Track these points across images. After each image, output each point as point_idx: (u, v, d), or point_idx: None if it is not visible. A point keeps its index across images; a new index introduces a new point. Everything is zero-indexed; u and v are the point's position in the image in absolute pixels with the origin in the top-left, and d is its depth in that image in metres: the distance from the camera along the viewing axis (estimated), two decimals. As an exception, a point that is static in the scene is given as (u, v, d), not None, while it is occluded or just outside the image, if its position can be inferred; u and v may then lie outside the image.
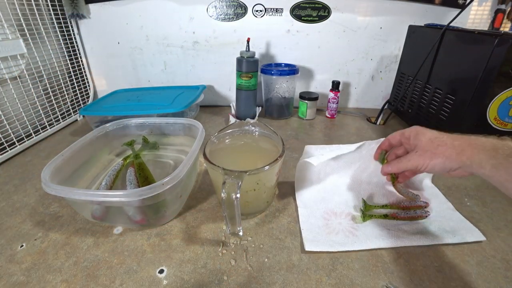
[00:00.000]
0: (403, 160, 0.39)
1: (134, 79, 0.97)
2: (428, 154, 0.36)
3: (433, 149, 0.35)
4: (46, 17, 0.78)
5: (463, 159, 0.33)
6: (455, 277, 0.35)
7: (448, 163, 0.34)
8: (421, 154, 0.36)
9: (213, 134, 0.48)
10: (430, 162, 0.35)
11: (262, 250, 0.39)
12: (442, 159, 0.34)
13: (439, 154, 0.35)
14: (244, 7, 0.85)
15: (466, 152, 0.33)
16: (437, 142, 0.36)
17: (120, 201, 0.36)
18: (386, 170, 0.42)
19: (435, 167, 0.35)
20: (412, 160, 0.37)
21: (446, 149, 0.34)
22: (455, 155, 0.34)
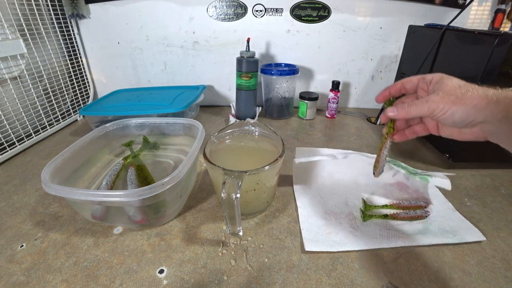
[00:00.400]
0: (417, 102, 0.31)
1: (134, 79, 0.98)
2: (452, 99, 0.30)
3: (460, 94, 0.30)
4: (46, 17, 0.78)
5: (495, 110, 0.28)
6: (455, 277, 0.35)
7: (473, 113, 0.29)
8: (443, 96, 0.30)
9: (213, 134, 0.48)
10: (451, 107, 0.30)
11: (262, 250, 0.40)
12: (468, 106, 0.29)
13: (465, 100, 0.29)
14: (244, 7, 0.85)
15: (501, 103, 0.27)
16: (466, 88, 0.30)
17: (120, 201, 0.36)
18: (391, 113, 0.33)
19: (455, 114, 0.30)
20: (430, 101, 0.31)
21: (476, 96, 0.29)
22: (484, 105, 0.28)
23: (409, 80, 0.35)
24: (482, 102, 0.28)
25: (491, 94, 0.29)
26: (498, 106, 0.28)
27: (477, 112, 0.29)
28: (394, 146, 0.69)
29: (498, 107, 0.28)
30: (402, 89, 0.36)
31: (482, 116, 0.29)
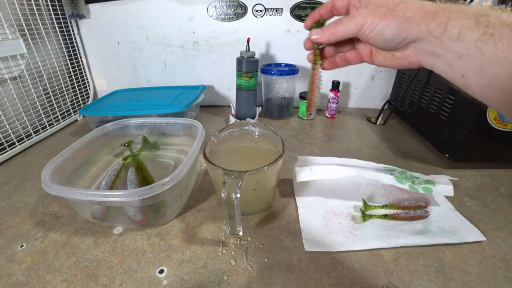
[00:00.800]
0: (343, 19, 0.27)
1: (134, 79, 0.98)
2: (383, 11, 0.25)
3: (392, 5, 0.25)
4: (46, 17, 0.78)
5: (431, 25, 0.23)
6: (455, 277, 0.35)
7: (406, 27, 0.24)
8: (373, 9, 0.26)
9: (213, 134, 0.48)
10: (381, 21, 0.25)
11: (262, 250, 0.40)
12: (399, 20, 0.24)
13: (397, 12, 0.24)
14: (244, 7, 0.85)
15: (439, 15, 0.23)
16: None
17: (120, 201, 0.36)
18: (315, 36, 0.30)
19: (385, 30, 0.25)
20: (357, 16, 0.26)
21: (410, 7, 0.24)
22: (420, 17, 0.24)
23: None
24: (417, 15, 0.24)
25: (428, 5, 0.24)
26: (436, 19, 0.23)
27: (411, 27, 0.24)
28: (394, 147, 0.69)
29: (436, 20, 0.23)
30: (332, 8, 0.32)
31: (416, 31, 0.24)
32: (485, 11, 0.21)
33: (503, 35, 0.20)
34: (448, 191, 0.45)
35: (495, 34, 0.20)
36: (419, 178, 0.47)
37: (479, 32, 0.21)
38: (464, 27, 0.22)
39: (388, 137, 0.74)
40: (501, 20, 0.20)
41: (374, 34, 0.26)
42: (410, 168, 0.58)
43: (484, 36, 0.21)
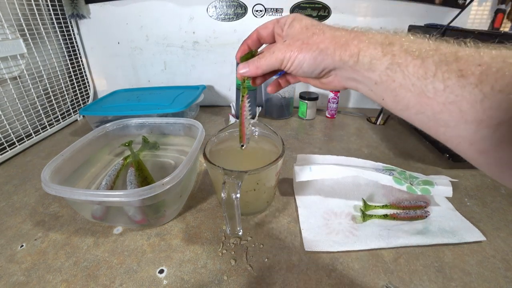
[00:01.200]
0: (265, 53, 0.29)
1: (134, 79, 0.97)
2: (298, 44, 0.26)
3: (305, 38, 0.26)
4: (46, 17, 0.78)
5: (344, 56, 0.24)
6: (455, 277, 0.35)
7: (321, 59, 0.25)
8: (290, 43, 0.27)
9: (213, 134, 0.48)
10: (298, 54, 0.26)
11: (262, 250, 0.40)
12: (314, 52, 0.25)
13: (311, 45, 0.26)
14: (244, 7, 0.85)
15: (350, 46, 0.24)
16: (313, 29, 0.26)
17: (120, 201, 0.36)
18: (242, 71, 0.30)
19: (304, 62, 0.26)
20: (276, 51, 0.27)
21: (323, 39, 0.25)
22: (333, 49, 0.25)
23: (265, 26, 0.32)
24: (330, 46, 0.25)
25: (339, 35, 0.25)
26: (348, 50, 0.24)
27: (326, 58, 0.25)
28: (394, 147, 0.69)
29: (348, 51, 0.24)
30: (259, 39, 0.33)
31: (332, 62, 0.25)
32: (390, 40, 0.23)
33: (408, 63, 0.21)
34: (447, 192, 0.45)
35: (401, 63, 0.21)
36: (418, 178, 0.47)
37: (387, 61, 0.22)
38: (374, 57, 0.23)
39: (388, 137, 0.74)
40: (405, 49, 0.22)
41: (295, 67, 0.27)
42: (410, 168, 0.58)
43: (392, 65, 0.22)
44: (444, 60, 0.20)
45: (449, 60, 0.20)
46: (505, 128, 0.17)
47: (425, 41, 0.22)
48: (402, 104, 0.23)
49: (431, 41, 0.22)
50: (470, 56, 0.19)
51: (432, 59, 0.20)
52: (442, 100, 0.20)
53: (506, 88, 0.17)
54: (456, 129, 0.20)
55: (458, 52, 0.20)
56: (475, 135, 0.19)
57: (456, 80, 0.19)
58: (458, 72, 0.19)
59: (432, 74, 0.20)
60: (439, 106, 0.20)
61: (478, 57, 0.19)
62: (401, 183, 0.44)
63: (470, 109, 0.18)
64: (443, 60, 0.20)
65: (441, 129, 0.21)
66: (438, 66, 0.20)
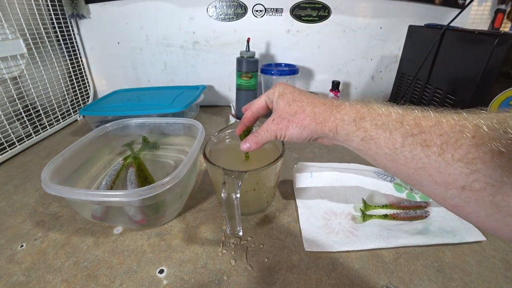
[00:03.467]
0: (260, 132, 0.34)
1: (134, 79, 0.97)
2: (285, 123, 0.31)
3: (289, 116, 0.31)
4: (46, 17, 0.78)
5: (325, 130, 0.28)
6: (455, 277, 0.35)
7: (306, 133, 0.30)
8: (278, 122, 0.31)
9: (213, 134, 0.48)
10: (286, 131, 0.31)
11: (262, 250, 0.39)
12: (299, 129, 0.30)
13: (295, 123, 0.30)
14: (244, 7, 0.85)
15: (328, 123, 0.28)
16: (295, 107, 0.31)
17: (120, 201, 0.36)
18: (245, 148, 0.36)
19: (293, 137, 0.31)
20: (269, 130, 0.32)
21: (304, 117, 0.30)
22: (314, 125, 0.29)
23: (258, 104, 0.36)
24: (312, 123, 0.29)
25: (318, 113, 0.29)
26: (327, 126, 0.28)
27: (310, 132, 0.30)
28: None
29: (327, 127, 0.28)
30: (254, 116, 0.38)
31: (316, 134, 0.30)
32: (361, 115, 0.26)
33: (378, 136, 0.24)
34: None
35: (373, 135, 0.24)
36: None
37: (361, 135, 0.25)
38: (349, 132, 0.26)
39: (388, 137, 0.74)
40: (375, 123, 0.25)
41: (287, 139, 0.32)
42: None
43: (365, 138, 0.25)
44: (410, 132, 0.22)
45: (414, 132, 0.22)
46: (467, 191, 0.19)
47: (393, 112, 0.24)
48: (381, 166, 0.26)
49: (398, 113, 0.24)
50: (432, 127, 0.21)
51: (399, 132, 0.23)
52: (412, 166, 0.22)
53: (464, 157, 0.19)
54: (429, 188, 0.22)
55: (422, 124, 0.22)
56: (445, 193, 0.21)
57: (421, 150, 0.21)
58: (423, 143, 0.21)
59: (400, 145, 0.22)
60: (410, 170, 0.22)
61: (439, 128, 0.21)
62: (401, 190, 0.45)
63: (437, 173, 0.21)
64: (408, 132, 0.22)
65: (417, 186, 0.23)
66: (405, 138, 0.22)
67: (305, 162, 0.54)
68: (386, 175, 0.47)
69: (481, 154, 0.18)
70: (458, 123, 0.21)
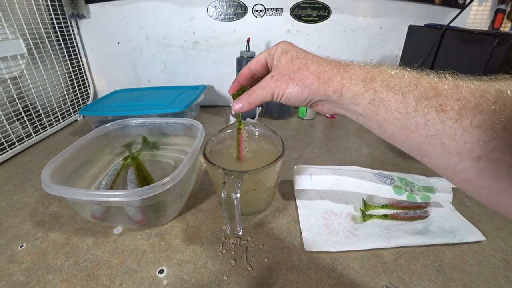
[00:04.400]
0: (256, 90, 0.30)
1: (134, 79, 0.97)
2: (285, 79, 0.28)
3: (291, 72, 0.28)
4: (46, 17, 0.78)
5: (328, 91, 0.26)
6: (455, 277, 0.35)
7: (307, 94, 0.27)
8: (278, 78, 0.28)
9: (213, 134, 0.48)
10: (285, 90, 0.28)
11: (262, 250, 0.39)
12: (300, 87, 0.27)
13: (297, 81, 0.27)
14: (244, 7, 0.85)
15: (333, 83, 0.25)
16: (298, 64, 0.28)
17: (120, 201, 0.36)
18: (237, 108, 0.33)
19: (291, 97, 0.28)
20: (267, 87, 0.29)
21: (307, 74, 0.27)
22: (317, 85, 0.26)
23: (257, 60, 0.33)
24: (314, 82, 0.26)
25: (323, 71, 0.26)
26: (331, 86, 0.25)
27: (311, 93, 0.27)
28: (394, 147, 0.68)
29: (331, 87, 0.25)
30: (251, 73, 0.34)
31: (317, 96, 0.27)
32: (371, 75, 0.23)
33: (389, 98, 0.22)
34: (447, 199, 0.46)
35: (383, 98, 0.22)
36: (418, 184, 0.47)
37: (370, 97, 0.23)
38: (356, 93, 0.24)
39: (388, 137, 0.74)
40: (386, 84, 0.22)
41: (284, 100, 0.29)
42: (410, 169, 0.58)
43: (374, 101, 0.23)
44: (424, 95, 0.20)
45: (429, 95, 0.20)
46: (483, 162, 0.18)
47: (406, 75, 0.22)
48: (387, 134, 0.24)
49: (411, 75, 0.22)
50: (449, 91, 0.20)
51: (413, 94, 0.21)
52: (424, 133, 0.20)
53: (484, 124, 0.17)
54: (439, 159, 0.20)
55: (438, 87, 0.20)
56: (457, 165, 0.19)
57: (436, 115, 0.19)
58: (438, 107, 0.19)
59: (413, 109, 0.21)
60: (421, 138, 0.21)
61: (457, 92, 0.19)
62: (401, 192, 0.45)
63: (451, 142, 0.19)
64: (423, 95, 0.20)
65: (426, 158, 0.22)
66: (419, 101, 0.20)
67: (305, 164, 0.54)
68: (386, 178, 0.47)
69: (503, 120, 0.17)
70: (478, 87, 0.19)
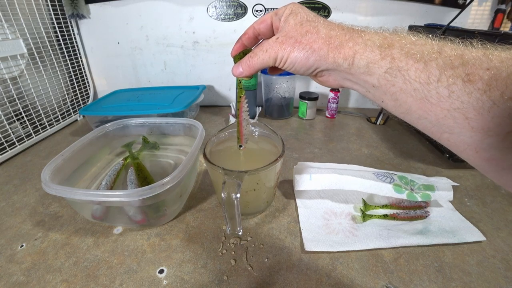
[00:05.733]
0: (258, 52, 0.27)
1: (134, 79, 0.98)
2: (291, 42, 0.25)
3: (299, 35, 0.25)
4: (46, 17, 0.78)
5: (338, 58, 0.23)
6: (455, 277, 0.35)
7: (314, 60, 0.24)
8: (283, 41, 0.25)
9: (213, 134, 0.48)
10: (290, 53, 0.25)
11: (262, 250, 0.40)
12: (307, 52, 0.24)
13: (304, 44, 0.24)
14: (244, 7, 0.85)
15: (345, 48, 0.23)
16: (307, 26, 0.25)
17: (120, 201, 0.36)
18: (237, 72, 0.30)
19: (296, 62, 0.25)
20: (269, 49, 0.26)
21: (316, 38, 0.24)
22: (326, 50, 0.23)
23: (262, 20, 0.29)
24: (324, 47, 0.23)
25: (334, 35, 0.23)
26: (342, 52, 0.23)
27: (319, 60, 0.24)
28: (394, 147, 0.69)
29: (342, 53, 0.23)
30: (255, 34, 0.31)
31: (325, 64, 0.24)
32: (389, 41, 0.21)
33: (409, 67, 0.20)
34: (448, 197, 0.45)
35: (401, 67, 0.20)
36: (418, 182, 0.47)
37: (386, 65, 0.21)
38: (371, 61, 0.21)
39: (388, 137, 0.74)
40: (405, 51, 0.20)
41: (287, 66, 0.26)
42: (410, 169, 0.58)
43: (391, 69, 0.21)
44: (449, 64, 0.18)
45: (454, 63, 0.18)
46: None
47: (428, 42, 0.20)
48: (403, 108, 0.21)
49: (434, 42, 0.20)
50: (477, 60, 0.18)
51: (436, 63, 0.19)
52: (446, 106, 0.18)
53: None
54: (461, 136, 0.19)
55: (465, 55, 0.18)
56: (481, 142, 0.18)
57: (462, 85, 0.18)
58: (465, 77, 0.17)
59: (435, 79, 0.19)
60: (443, 112, 0.19)
61: (486, 60, 0.17)
62: (401, 191, 0.45)
63: (476, 116, 0.17)
64: (448, 63, 0.18)
65: (445, 135, 0.20)
66: (443, 70, 0.18)
67: (305, 162, 0.54)
68: (386, 177, 0.47)
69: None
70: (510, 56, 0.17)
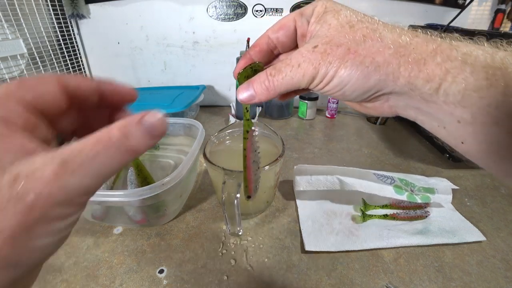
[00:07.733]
0: (283, 68, 0.19)
1: (134, 79, 0.97)
2: (340, 53, 0.17)
3: (353, 43, 0.17)
4: (46, 17, 0.78)
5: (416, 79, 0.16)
6: (455, 277, 0.35)
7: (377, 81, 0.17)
8: (326, 50, 0.17)
9: (213, 134, 0.48)
10: (338, 70, 0.17)
11: (262, 250, 0.39)
12: (367, 68, 0.16)
13: (362, 56, 0.16)
14: (244, 7, 0.85)
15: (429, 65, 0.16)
16: (363, 30, 0.17)
17: (120, 201, 0.36)
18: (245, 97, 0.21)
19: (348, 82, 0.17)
20: (304, 63, 0.18)
21: (380, 47, 0.16)
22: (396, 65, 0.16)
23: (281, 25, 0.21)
24: (393, 60, 0.16)
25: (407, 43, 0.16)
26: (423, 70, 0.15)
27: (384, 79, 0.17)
28: (394, 147, 0.69)
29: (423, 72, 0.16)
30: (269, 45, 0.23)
31: (392, 85, 0.17)
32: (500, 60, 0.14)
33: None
34: (447, 199, 0.46)
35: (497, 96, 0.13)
36: (418, 184, 0.47)
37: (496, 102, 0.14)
38: (471, 88, 0.14)
39: (388, 137, 0.74)
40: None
41: (331, 88, 0.18)
42: (410, 169, 0.58)
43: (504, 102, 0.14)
44: None
45: None
46: None
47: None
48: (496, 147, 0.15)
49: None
50: None
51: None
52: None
53: None
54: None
55: None
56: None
57: None
58: None
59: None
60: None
61: None
62: (402, 192, 0.45)
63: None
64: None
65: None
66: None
67: (305, 164, 0.54)
68: (386, 178, 0.47)
69: None
70: None
